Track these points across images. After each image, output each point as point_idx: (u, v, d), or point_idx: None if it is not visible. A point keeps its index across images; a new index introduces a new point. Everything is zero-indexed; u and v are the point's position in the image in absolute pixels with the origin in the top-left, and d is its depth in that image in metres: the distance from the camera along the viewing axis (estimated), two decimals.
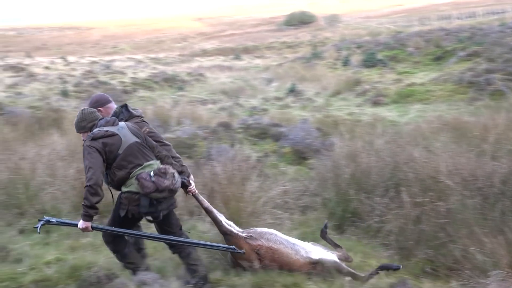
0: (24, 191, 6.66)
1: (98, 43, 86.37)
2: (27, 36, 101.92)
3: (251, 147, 10.19)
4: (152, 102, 18.67)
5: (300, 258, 4.76)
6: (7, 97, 19.04)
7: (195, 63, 42.07)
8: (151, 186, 4.18)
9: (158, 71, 31.56)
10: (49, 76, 28.27)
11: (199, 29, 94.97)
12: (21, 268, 5.08)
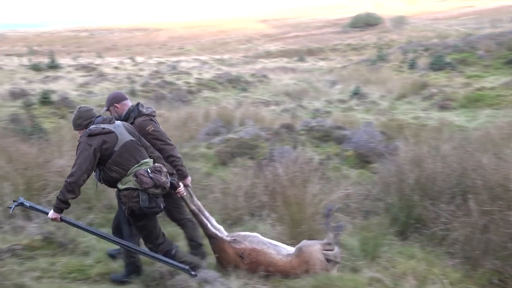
0: (92, 186, 6.90)
1: (165, 44, 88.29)
2: (99, 37, 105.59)
3: (314, 149, 10.13)
4: (216, 103, 18.91)
5: (282, 257, 4.78)
6: (79, 95, 19.77)
7: (259, 65, 42.25)
8: (150, 182, 4.31)
9: (223, 72, 31.91)
10: (118, 76, 29.14)
11: (263, 31, 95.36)
12: (88, 261, 5.25)
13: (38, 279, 4.71)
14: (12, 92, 18.79)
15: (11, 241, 5.63)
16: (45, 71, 31.14)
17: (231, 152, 9.78)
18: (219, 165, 9.51)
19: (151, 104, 18.40)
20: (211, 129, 12.03)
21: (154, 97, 20.38)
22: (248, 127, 11.89)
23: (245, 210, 6.49)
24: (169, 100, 19.32)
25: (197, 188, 7.18)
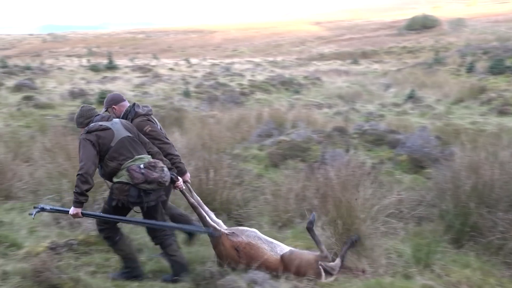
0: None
1: (219, 46, 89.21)
2: (155, 39, 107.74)
3: (366, 153, 10.01)
4: (268, 105, 18.93)
5: (274, 254, 4.86)
6: (135, 96, 20.21)
7: (312, 67, 42.12)
8: (141, 177, 4.44)
9: (276, 74, 31.98)
10: (173, 77, 29.65)
11: (317, 33, 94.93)
12: (141, 258, 5.35)
13: (92, 274, 4.83)
14: (72, 92, 19.43)
15: (68, 236, 5.80)
16: (103, 72, 32.06)
17: (282, 154, 9.79)
18: (271, 167, 9.53)
19: (204, 105, 18.67)
20: (263, 131, 12.07)
21: (207, 98, 20.62)
22: (300, 129, 11.87)
23: (296, 213, 6.47)
24: (222, 102, 19.51)
25: (248, 190, 7.23)
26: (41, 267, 4.08)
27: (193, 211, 5.32)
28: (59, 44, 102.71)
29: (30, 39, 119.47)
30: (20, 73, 28.00)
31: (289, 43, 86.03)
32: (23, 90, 19.49)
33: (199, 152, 8.48)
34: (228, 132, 12.19)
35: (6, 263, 4.86)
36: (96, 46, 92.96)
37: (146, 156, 4.67)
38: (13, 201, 7.21)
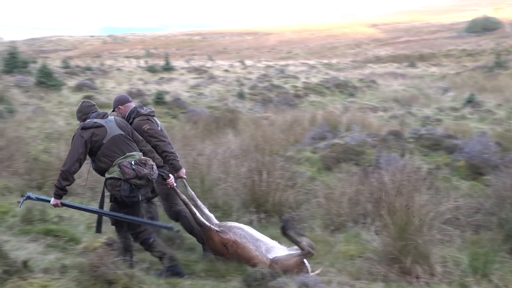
0: (200, 185, 7.11)
1: (274, 48, 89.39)
2: (211, 40, 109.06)
3: (422, 158, 9.78)
4: (323, 107, 18.82)
5: (259, 254, 5.00)
6: (190, 97, 20.50)
7: (368, 70, 41.59)
8: (132, 173, 4.65)
9: (330, 77, 31.75)
10: (228, 78, 29.89)
11: (373, 35, 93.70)
12: (193, 257, 5.43)
13: (146, 270, 4.93)
14: (130, 92, 19.87)
15: None
16: (160, 73, 32.69)
17: (336, 157, 9.70)
18: (324, 170, 9.47)
19: (258, 106, 18.73)
20: (317, 133, 12.00)
21: (261, 100, 20.68)
22: (354, 132, 11.74)
23: (349, 217, 6.40)
24: (276, 103, 19.52)
25: (300, 192, 7.21)
26: (98, 262, 4.19)
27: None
28: (118, 45, 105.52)
29: (91, 40, 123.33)
30: (81, 74, 28.89)
31: (345, 46, 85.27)
32: (84, 89, 20.08)
33: (252, 153, 8.53)
34: (282, 134, 12.19)
35: (65, 257, 5.04)
36: (153, 47, 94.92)
37: (137, 153, 4.89)
38: (72, 197, 7.44)
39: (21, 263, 4.22)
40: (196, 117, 14.36)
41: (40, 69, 20.13)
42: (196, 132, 11.73)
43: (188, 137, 10.61)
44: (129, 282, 4.12)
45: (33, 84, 19.28)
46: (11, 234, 5.68)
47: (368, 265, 5.08)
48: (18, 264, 4.19)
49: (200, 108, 16.70)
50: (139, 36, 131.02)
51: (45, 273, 4.27)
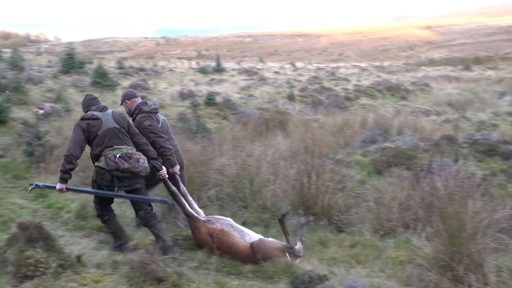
0: (248, 186, 7.14)
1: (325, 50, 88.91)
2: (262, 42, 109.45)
3: (477, 164, 9.51)
4: (374, 110, 18.58)
5: (243, 242, 5.35)
6: (240, 98, 20.61)
7: (421, 73, 40.83)
8: (113, 165, 5.07)
9: (382, 80, 31.32)
10: (278, 80, 29.89)
11: (427, 38, 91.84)
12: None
13: (195, 269, 4.99)
14: (181, 93, 20.17)
15: (174, 231, 6.03)
16: (211, 74, 33.03)
17: (387, 161, 9.57)
18: (374, 174, 9.36)
19: (308, 108, 18.68)
20: (368, 136, 11.87)
21: (311, 102, 20.60)
22: (406, 136, 11.54)
23: (399, 222, 6.29)
24: (326, 106, 19.41)
25: (350, 196, 7.14)
26: (148, 259, 4.27)
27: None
28: (171, 47, 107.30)
29: (145, 42, 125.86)
30: (135, 74, 29.49)
31: (397, 48, 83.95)
32: (137, 90, 20.36)
33: (301, 155, 8.50)
34: (332, 137, 12.11)
35: (117, 253, 5.16)
36: (205, 49, 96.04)
37: (126, 147, 5.25)
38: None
39: (75, 258, 4.36)
40: (246, 119, 14.43)
41: (96, 69, 20.65)
42: (246, 133, 11.78)
43: (238, 138, 10.67)
44: (178, 280, 4.19)
45: (89, 84, 19.81)
46: (66, 229, 5.87)
47: (419, 271, 4.98)
48: (72, 258, 4.33)
49: (250, 110, 16.77)
50: (191, 38, 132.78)
51: (98, 268, 4.40)
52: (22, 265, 4.01)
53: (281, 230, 5.50)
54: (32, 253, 4.10)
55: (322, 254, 5.65)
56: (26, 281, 3.95)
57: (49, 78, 21.21)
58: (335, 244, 5.88)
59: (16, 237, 4.32)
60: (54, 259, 4.16)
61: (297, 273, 4.68)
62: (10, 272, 4.00)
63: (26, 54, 55.93)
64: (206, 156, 7.87)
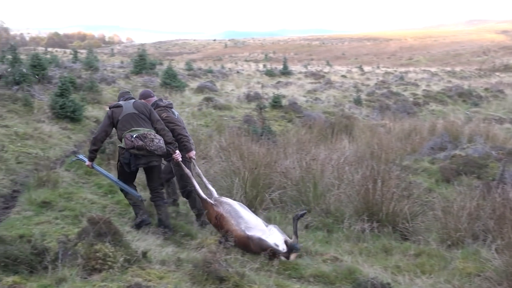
0: (312, 190, 7.11)
1: (394, 54, 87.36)
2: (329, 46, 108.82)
3: None
4: (443, 117, 18.10)
5: (237, 229, 5.53)
6: (306, 101, 20.56)
7: (495, 79, 39.36)
8: (130, 144, 5.71)
9: (453, 85, 30.48)
10: (345, 84, 29.65)
11: (503, 42, 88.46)
12: (303, 261, 5.43)
13: (256, 270, 5.00)
14: (248, 95, 20.35)
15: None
16: (277, 77, 33.15)
17: (456, 169, 9.28)
18: (442, 182, 9.10)
19: (374, 113, 18.40)
20: (436, 143, 11.56)
21: (378, 107, 20.30)
22: (477, 144, 11.15)
23: (467, 233, 6.08)
24: (394, 111, 19.08)
25: (416, 204, 6.97)
26: (211, 259, 4.33)
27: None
28: (238, 49, 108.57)
29: (213, 44, 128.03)
30: (203, 76, 30.02)
31: (470, 53, 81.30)
32: (205, 91, 20.85)
33: (367, 161, 8.39)
34: (399, 143, 11.88)
35: (181, 251, 5.27)
36: (272, 51, 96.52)
37: (144, 129, 5.88)
38: None
39: (141, 254, 4.47)
40: (311, 122, 14.39)
41: (166, 70, 21.16)
42: (311, 137, 11.74)
43: (303, 142, 10.65)
44: (240, 281, 4.21)
45: (159, 84, 20.33)
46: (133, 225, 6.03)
47: (488, 285, 4.79)
48: (138, 254, 4.44)
49: (316, 113, 16.71)
50: (259, 41, 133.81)
51: (162, 265, 4.50)
52: (91, 258, 4.15)
53: (339, 238, 5.44)
54: (101, 247, 4.24)
55: (386, 262, 5.54)
56: (94, 273, 4.09)
57: (121, 79, 21.96)
58: (399, 252, 5.75)
59: (86, 231, 4.48)
60: (121, 254, 4.28)
61: (359, 279, 4.61)
62: (80, 264, 4.14)
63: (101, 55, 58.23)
64: (271, 158, 7.89)
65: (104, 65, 31.66)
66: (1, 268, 3.96)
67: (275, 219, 6.57)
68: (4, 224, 5.52)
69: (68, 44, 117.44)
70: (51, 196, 6.53)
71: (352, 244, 6.09)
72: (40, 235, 4.89)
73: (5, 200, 6.70)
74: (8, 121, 11.09)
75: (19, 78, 14.40)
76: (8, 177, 7.63)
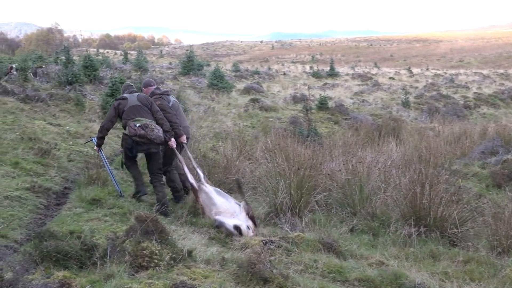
0: (358, 193, 7.04)
1: (444, 56, 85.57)
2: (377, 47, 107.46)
3: None
4: (495, 120, 17.61)
5: (210, 216, 6.29)
6: (353, 103, 20.39)
7: None
8: (133, 132, 6.67)
9: (506, 88, 29.59)
10: (393, 86, 29.22)
11: None
12: (348, 264, 5.37)
13: (301, 272, 4.98)
14: (294, 97, 20.34)
15: (279, 234, 6.09)
16: (324, 79, 32.98)
17: (508, 174, 9.01)
18: (493, 187, 8.84)
19: (423, 116, 18.06)
20: (487, 147, 11.24)
21: (427, 110, 19.93)
22: None
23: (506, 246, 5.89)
24: (443, 114, 18.70)
25: (466, 209, 6.80)
26: (256, 259, 4.34)
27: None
28: (285, 50, 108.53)
29: (260, 45, 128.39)
30: (249, 77, 30.16)
31: None
32: (251, 93, 20.95)
33: (415, 164, 8.25)
34: (448, 146, 11.64)
35: (225, 251, 5.30)
36: (319, 53, 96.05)
37: (145, 119, 6.81)
38: (234, 195, 7.78)
39: (186, 252, 4.52)
40: (358, 124, 14.27)
41: (213, 72, 21.40)
42: (357, 139, 11.64)
43: (349, 144, 10.56)
44: (283, 282, 4.21)
45: (206, 85, 20.56)
46: (179, 224, 6.12)
47: None
48: (183, 252, 4.50)
49: (363, 115, 16.56)
50: (306, 42, 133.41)
51: (207, 264, 4.54)
52: (138, 255, 4.23)
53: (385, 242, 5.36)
54: (148, 245, 4.32)
55: (433, 267, 5.43)
56: (141, 271, 4.17)
57: (170, 79, 22.29)
58: (447, 258, 5.62)
59: (134, 228, 4.58)
60: (168, 252, 4.35)
61: (406, 285, 4.54)
62: (127, 261, 4.23)
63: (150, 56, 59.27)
64: (316, 160, 7.86)
65: (153, 66, 32.20)
66: (52, 263, 4.08)
67: (320, 222, 6.54)
68: (55, 220, 5.69)
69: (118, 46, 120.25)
70: (101, 193, 6.71)
71: (399, 248, 5.99)
72: (90, 231, 5.04)
73: (57, 196, 6.92)
74: (60, 120, 11.46)
75: (71, 78, 14.85)
76: (60, 175, 7.88)
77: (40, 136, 9.56)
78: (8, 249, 4.60)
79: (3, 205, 5.89)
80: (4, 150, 8.25)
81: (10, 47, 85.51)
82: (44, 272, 3.94)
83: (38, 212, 6.10)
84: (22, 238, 5.02)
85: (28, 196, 6.48)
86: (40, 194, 6.74)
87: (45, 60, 24.05)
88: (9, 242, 4.81)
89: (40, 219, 5.84)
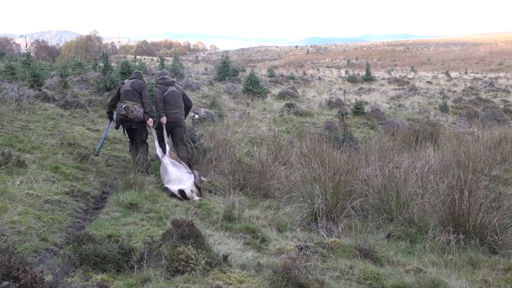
0: (394, 198, 6.95)
1: (483, 59, 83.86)
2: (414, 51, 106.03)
3: None
4: None
5: (164, 183, 7.53)
6: (389, 108, 20.15)
7: None
8: (119, 111, 8.57)
9: None
10: (430, 90, 28.76)
11: None
12: (384, 270, 5.30)
13: (336, 279, 4.92)
14: (329, 102, 20.23)
15: (315, 239, 6.04)
16: (360, 83, 32.73)
17: None
18: None
19: (462, 121, 17.72)
20: None
21: (465, 114, 19.55)
22: None
23: None
24: (482, 118, 18.32)
25: (507, 216, 6.64)
26: (291, 265, 4.32)
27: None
28: (320, 55, 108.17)
29: (295, 50, 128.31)
30: (285, 82, 30.15)
31: None
32: (286, 98, 20.94)
33: (453, 170, 8.09)
34: (487, 151, 11.38)
35: (260, 256, 5.28)
36: (355, 57, 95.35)
37: (130, 102, 8.54)
38: (269, 200, 7.80)
39: (221, 257, 4.53)
40: (394, 129, 14.10)
41: (248, 77, 21.45)
42: (394, 144, 11.49)
43: (385, 149, 10.44)
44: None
45: (241, 91, 20.64)
46: (214, 229, 6.13)
47: None
48: (219, 257, 4.51)
49: (399, 120, 16.36)
50: (341, 47, 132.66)
51: (242, 269, 4.54)
52: (174, 259, 4.26)
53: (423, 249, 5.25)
54: (184, 249, 4.34)
55: (473, 275, 5.31)
56: (177, 275, 4.20)
57: (205, 85, 22.47)
58: (487, 266, 5.49)
59: (170, 233, 4.61)
60: (203, 256, 4.37)
61: None
62: (164, 265, 4.27)
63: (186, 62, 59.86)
64: (352, 165, 7.79)
65: (189, 72, 32.58)
66: (91, 266, 4.14)
67: (356, 228, 6.46)
68: (94, 224, 5.78)
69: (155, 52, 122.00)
70: (138, 198, 6.78)
71: (437, 255, 5.88)
72: (127, 235, 5.09)
73: (95, 201, 7.04)
74: (99, 126, 11.68)
75: (109, 84, 15.11)
76: (99, 179, 8.03)
77: (79, 142, 9.77)
78: (49, 252, 4.69)
79: (44, 209, 6.02)
80: (45, 155, 8.44)
81: (50, 55, 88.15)
82: (83, 275, 4.00)
83: (77, 216, 6.21)
84: (61, 242, 5.11)
85: (68, 200, 6.60)
86: (79, 198, 6.85)
87: (84, 67, 24.58)
88: (49, 245, 4.90)
89: (79, 223, 5.94)
